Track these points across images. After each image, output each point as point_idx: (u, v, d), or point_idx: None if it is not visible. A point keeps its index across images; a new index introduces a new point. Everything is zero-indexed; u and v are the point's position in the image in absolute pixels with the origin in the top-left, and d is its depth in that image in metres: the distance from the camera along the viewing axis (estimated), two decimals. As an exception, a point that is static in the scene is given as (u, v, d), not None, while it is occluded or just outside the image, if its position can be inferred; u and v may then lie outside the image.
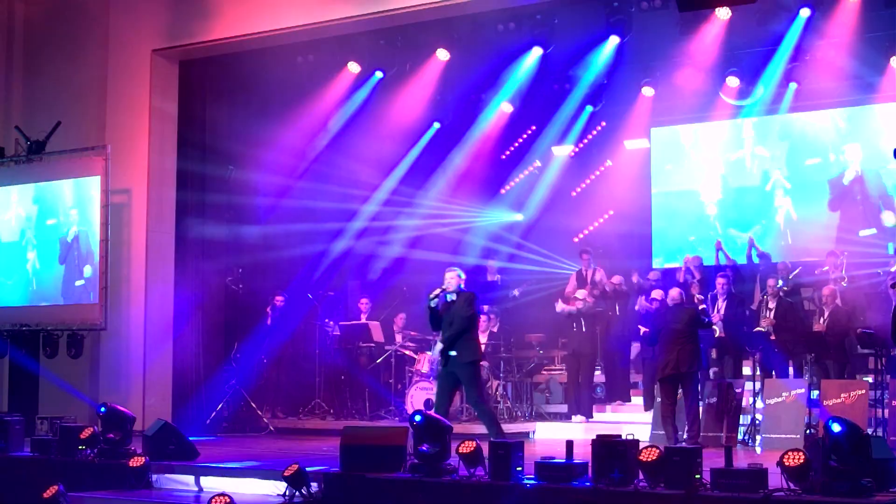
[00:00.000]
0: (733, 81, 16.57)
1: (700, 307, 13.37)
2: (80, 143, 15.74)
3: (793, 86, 16.39)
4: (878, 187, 16.70)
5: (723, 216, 17.76)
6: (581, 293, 15.46)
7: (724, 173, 17.86)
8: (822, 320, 13.39)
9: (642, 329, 14.31)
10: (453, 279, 11.32)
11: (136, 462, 11.00)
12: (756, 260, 16.12)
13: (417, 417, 9.84)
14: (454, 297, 11.24)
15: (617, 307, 15.68)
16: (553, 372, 16.47)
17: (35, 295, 16.16)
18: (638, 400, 15.31)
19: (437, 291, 11.18)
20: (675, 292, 13.04)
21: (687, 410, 12.43)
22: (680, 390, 12.46)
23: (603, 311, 15.48)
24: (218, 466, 11.18)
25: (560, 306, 15.47)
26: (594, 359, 15.49)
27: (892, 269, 14.66)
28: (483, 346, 15.45)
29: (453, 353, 11.17)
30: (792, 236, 17.19)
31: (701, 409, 12.80)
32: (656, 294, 14.33)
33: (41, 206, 16.17)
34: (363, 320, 16.72)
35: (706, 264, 16.15)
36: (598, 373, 15.89)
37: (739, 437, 12.98)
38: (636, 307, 15.10)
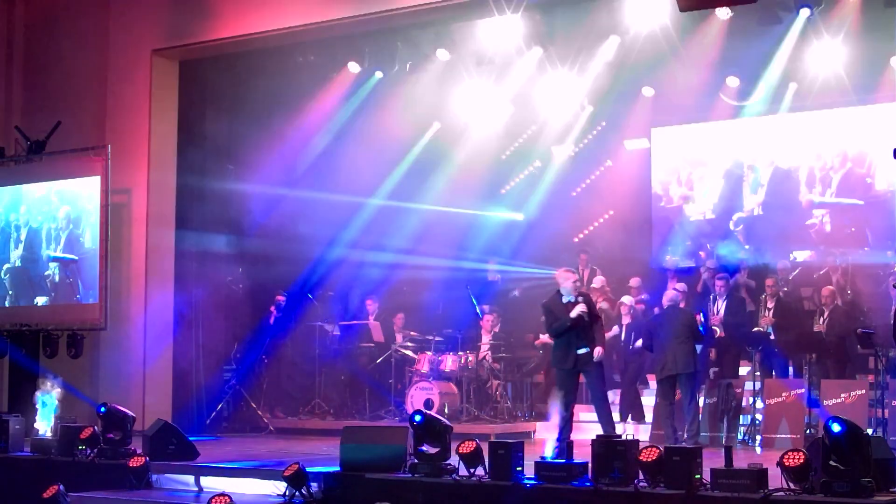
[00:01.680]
0: (733, 81, 16.60)
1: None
2: (80, 143, 15.73)
3: (793, 86, 16.41)
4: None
5: (723, 217, 17.77)
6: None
7: (724, 173, 17.85)
8: (822, 320, 13.39)
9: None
10: (575, 282, 11.48)
11: (136, 462, 11.00)
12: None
13: (417, 417, 9.85)
14: (573, 298, 11.37)
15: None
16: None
17: (35, 295, 16.16)
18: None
19: (581, 310, 11.23)
20: (671, 294, 13.03)
21: (686, 410, 12.43)
22: (678, 390, 12.47)
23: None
24: (218, 466, 11.18)
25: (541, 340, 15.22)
26: None
27: (894, 270, 14.68)
28: (485, 347, 15.55)
29: (586, 350, 11.26)
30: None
31: (700, 408, 12.80)
32: (626, 299, 14.43)
33: (41, 205, 16.16)
34: (371, 320, 16.72)
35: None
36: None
37: (739, 437, 12.98)
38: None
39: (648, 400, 14.95)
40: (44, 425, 12.87)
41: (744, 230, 17.44)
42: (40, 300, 16.10)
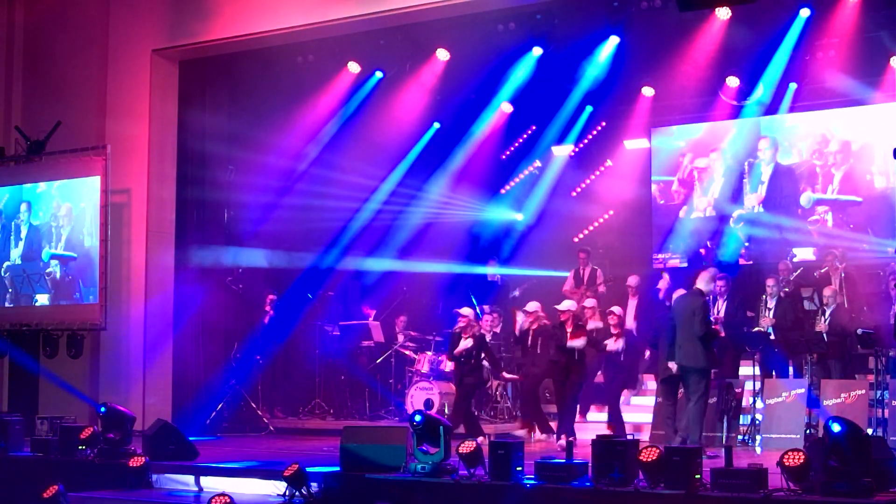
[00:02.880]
0: (733, 81, 16.59)
1: None
2: (80, 143, 15.73)
3: (793, 86, 16.41)
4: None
5: (724, 216, 17.76)
6: (532, 305, 14.27)
7: (724, 172, 17.84)
8: (823, 320, 13.37)
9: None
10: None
11: (136, 462, 11.01)
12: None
13: (417, 417, 9.85)
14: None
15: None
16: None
17: (35, 293, 16.18)
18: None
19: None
20: (682, 290, 12.90)
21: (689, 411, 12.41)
22: (680, 390, 12.44)
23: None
24: (218, 466, 11.19)
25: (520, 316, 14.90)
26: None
27: (894, 269, 14.66)
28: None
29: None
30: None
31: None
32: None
33: (41, 204, 16.18)
34: (371, 320, 16.71)
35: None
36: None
37: (739, 437, 12.97)
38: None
39: (643, 400, 15.01)
40: None
41: (744, 228, 17.44)
42: (41, 298, 16.12)
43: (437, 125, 18.18)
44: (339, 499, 9.91)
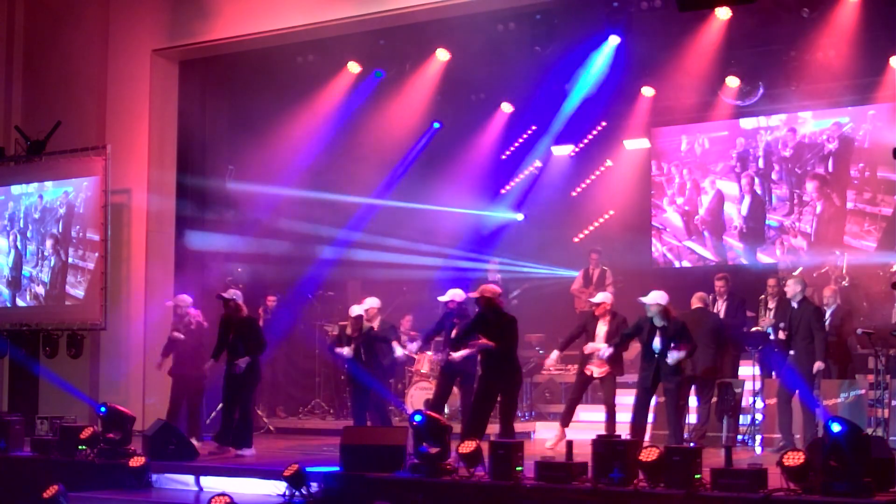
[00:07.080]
0: (733, 81, 16.58)
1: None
2: (80, 143, 15.75)
3: (792, 86, 16.41)
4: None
5: (723, 215, 17.76)
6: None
7: (723, 172, 17.84)
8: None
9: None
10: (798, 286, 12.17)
11: (136, 462, 11.01)
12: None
13: (417, 417, 9.85)
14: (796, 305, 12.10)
15: None
16: (553, 372, 16.41)
17: (33, 295, 16.17)
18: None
19: None
20: (701, 294, 12.81)
21: (698, 413, 12.43)
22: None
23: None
24: (218, 466, 11.19)
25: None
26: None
27: (893, 269, 14.67)
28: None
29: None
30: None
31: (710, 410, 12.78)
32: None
33: (41, 205, 16.17)
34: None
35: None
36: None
37: (739, 437, 12.96)
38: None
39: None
40: None
41: (744, 227, 17.44)
42: (41, 299, 16.11)
43: (437, 125, 18.19)
44: (339, 499, 9.90)
